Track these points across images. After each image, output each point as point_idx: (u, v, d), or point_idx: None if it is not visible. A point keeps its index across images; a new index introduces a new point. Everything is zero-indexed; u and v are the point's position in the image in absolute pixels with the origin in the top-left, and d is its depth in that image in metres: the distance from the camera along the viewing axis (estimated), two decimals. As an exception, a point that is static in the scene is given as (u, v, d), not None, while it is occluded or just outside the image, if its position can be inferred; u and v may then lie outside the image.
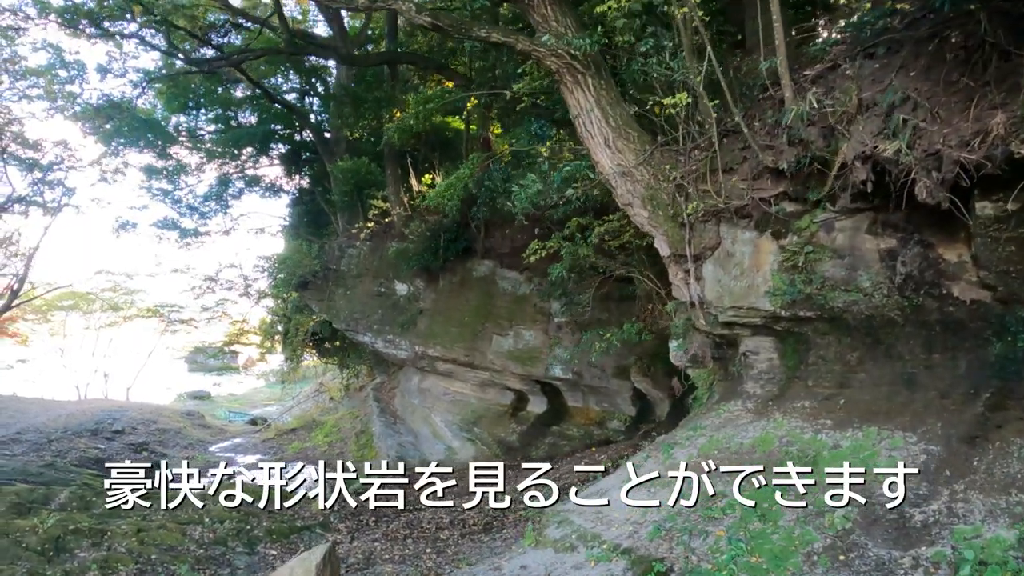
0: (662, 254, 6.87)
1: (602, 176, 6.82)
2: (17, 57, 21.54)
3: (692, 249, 6.47)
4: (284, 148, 25.11)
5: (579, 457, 14.54)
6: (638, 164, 6.48)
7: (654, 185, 6.53)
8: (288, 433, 26.94)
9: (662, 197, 6.58)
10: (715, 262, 6.53)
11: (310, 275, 18.88)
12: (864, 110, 4.92)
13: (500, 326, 16.36)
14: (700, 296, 6.55)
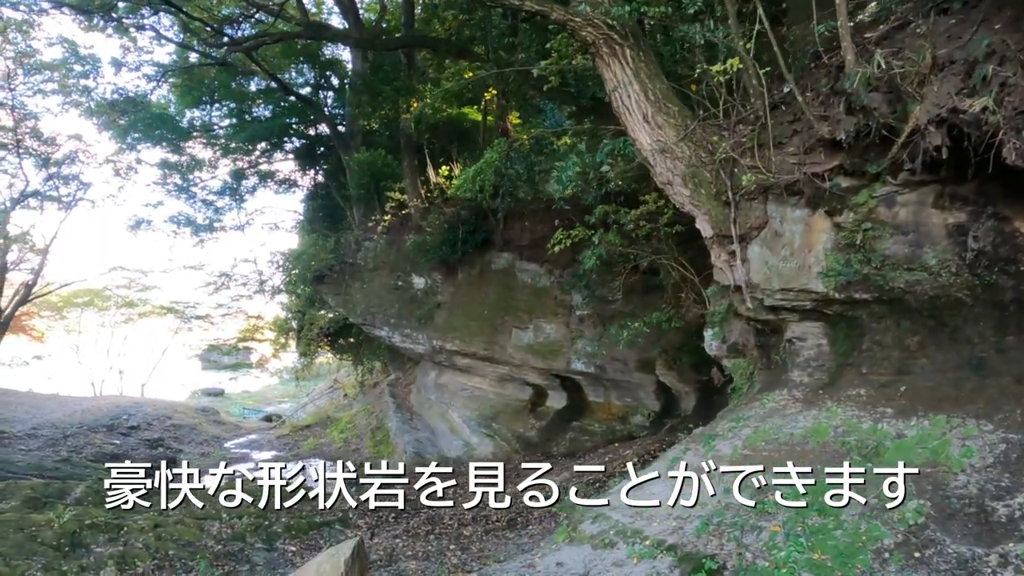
0: (704, 235, 6.52)
1: (640, 154, 6.48)
2: (32, 51, 21.47)
3: (737, 229, 6.12)
4: (298, 143, 24.93)
5: (602, 452, 14.20)
6: (679, 140, 6.13)
7: (696, 162, 6.18)
8: (303, 429, 26.82)
9: (704, 175, 6.23)
10: (762, 243, 6.17)
11: (326, 269, 18.64)
12: (940, 69, 4.56)
13: (520, 319, 16.05)
14: (746, 279, 6.20)
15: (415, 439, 19.17)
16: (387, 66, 17.52)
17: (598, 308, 14.93)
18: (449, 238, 16.36)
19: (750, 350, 7.20)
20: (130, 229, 25.13)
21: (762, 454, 6.01)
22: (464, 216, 16.64)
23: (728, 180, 6.05)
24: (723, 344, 8.04)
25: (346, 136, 20.19)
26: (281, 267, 27.19)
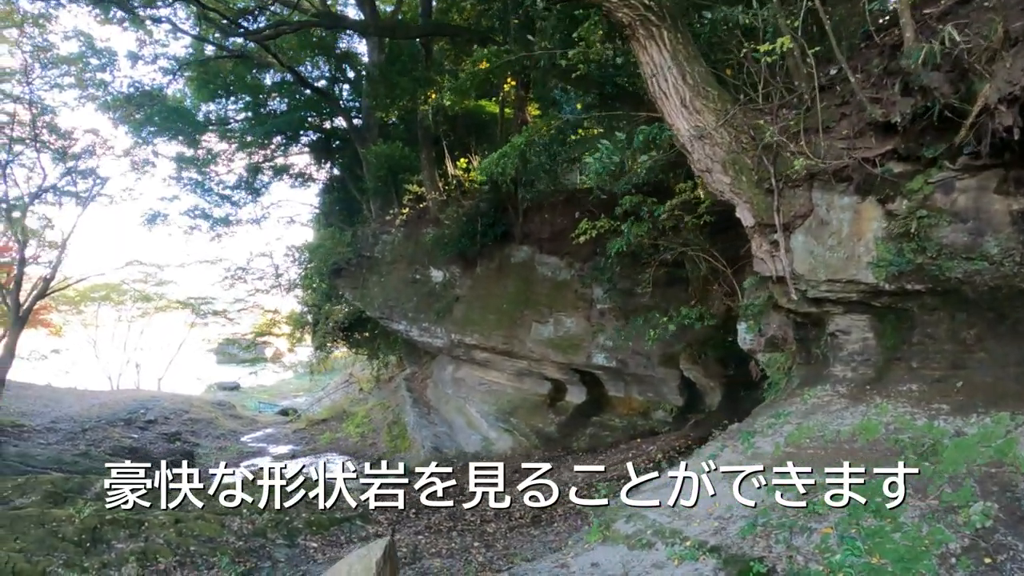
0: (745, 224, 6.27)
1: (677, 141, 6.24)
2: (48, 45, 21.42)
3: (781, 217, 5.86)
4: (314, 136, 24.78)
5: (624, 448, 14.00)
6: (718, 126, 5.88)
7: (736, 148, 5.92)
8: (319, 424, 26.82)
9: (745, 161, 5.97)
10: (807, 232, 5.91)
11: (343, 262, 18.49)
12: (1012, 44, 4.28)
13: (540, 313, 15.84)
14: (789, 270, 5.94)
15: (433, 434, 19.03)
16: (404, 57, 17.34)
17: (620, 301, 14.70)
18: (468, 231, 16.17)
19: (788, 344, 6.96)
20: (146, 223, 25.08)
21: (807, 452, 5.78)
22: (483, 209, 16.45)
23: (771, 166, 5.79)
24: (758, 337, 7.79)
25: (362, 129, 20.03)
26: (297, 261, 27.19)
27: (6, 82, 22.07)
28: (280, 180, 27.09)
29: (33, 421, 20.01)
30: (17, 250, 20.83)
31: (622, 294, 14.51)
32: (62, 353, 34.20)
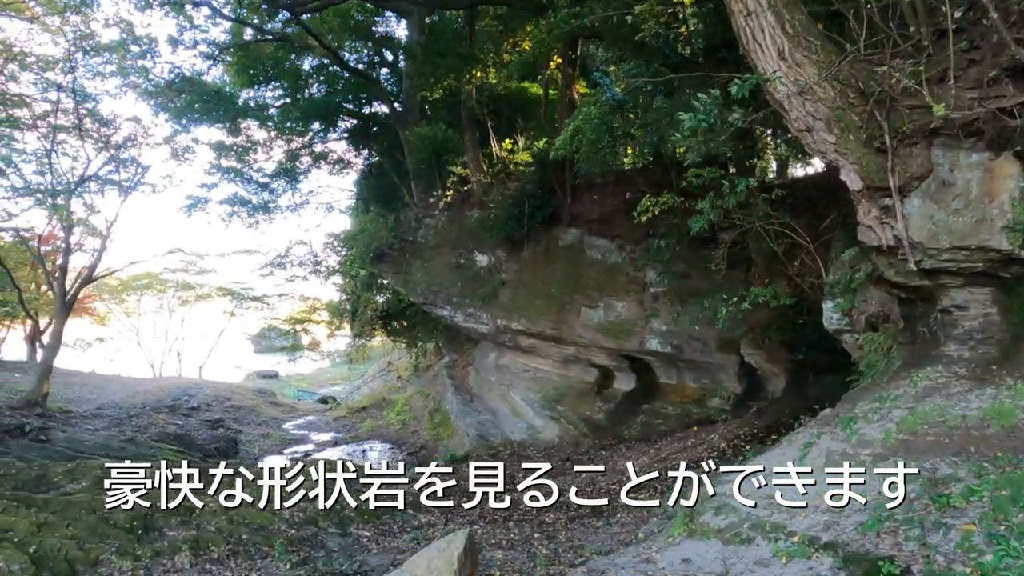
0: (851, 188, 5.68)
1: (772, 97, 5.66)
2: (90, 32, 21.41)
3: (895, 179, 5.27)
4: (352, 122, 24.50)
5: (681, 437, 13.44)
6: (821, 79, 5.30)
7: (842, 104, 5.34)
8: (359, 412, 26.74)
9: (852, 118, 5.39)
10: (925, 194, 5.31)
11: (386, 247, 18.15)
12: None
13: (589, 297, 15.33)
14: (906, 237, 5.35)
15: (477, 421, 18.69)
16: (448, 35, 16.85)
17: (674, 285, 14.11)
18: (514, 213, 15.69)
19: (891, 322, 6.36)
20: (185, 211, 25.05)
21: (926, 439, 5.20)
22: (530, 190, 15.95)
23: (884, 122, 5.20)
24: (858, 316, 7.19)
25: (403, 112, 19.62)
26: (336, 248, 27.02)
27: (49, 71, 22.19)
28: (318, 168, 26.91)
29: (80, 407, 20.15)
30: (63, 238, 20.98)
31: (677, 277, 13.91)
32: (106, 342, 34.74)
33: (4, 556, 7.39)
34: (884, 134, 5.22)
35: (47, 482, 10.43)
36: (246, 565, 8.25)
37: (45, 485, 10.32)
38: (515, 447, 16.60)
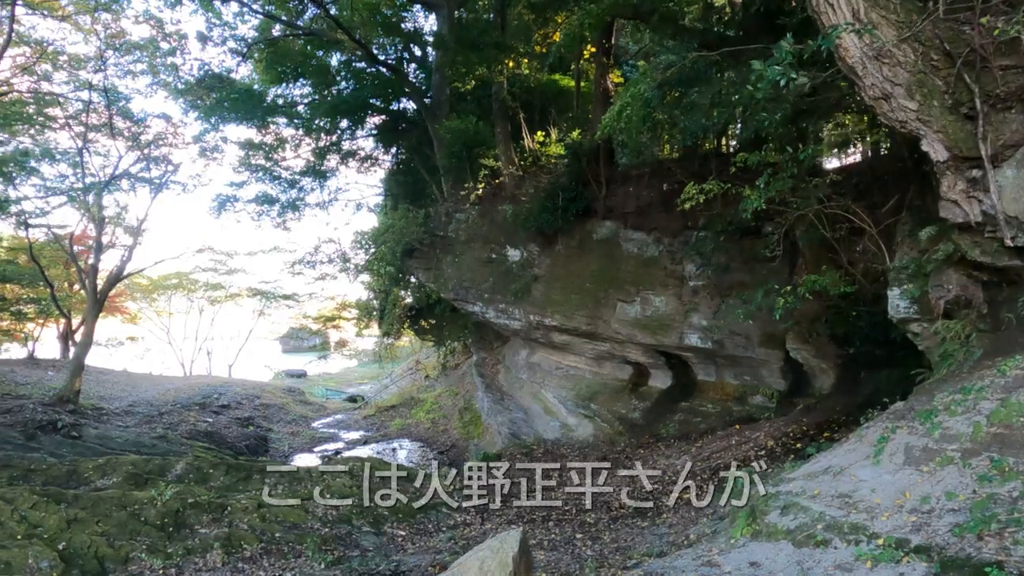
0: (935, 159, 5.20)
1: (844, 63, 5.22)
2: (121, 31, 21.47)
3: (987, 147, 4.81)
4: (380, 119, 24.34)
5: (722, 435, 12.95)
6: (901, 41, 4.86)
7: (924, 68, 4.89)
8: (388, 410, 26.53)
9: (936, 83, 4.93)
10: (1021, 163, 4.84)
11: (416, 242, 17.88)
12: None
13: (626, 292, 14.90)
14: (1001, 211, 4.88)
15: (509, 420, 18.35)
16: (480, 25, 16.52)
17: (715, 278, 13.66)
18: (548, 206, 15.33)
19: (975, 307, 5.85)
20: (214, 210, 25.13)
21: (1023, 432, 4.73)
22: (563, 183, 15.58)
23: (974, 86, 4.75)
24: (914, 304, 6.70)
25: (433, 106, 19.35)
26: (364, 246, 26.85)
27: (81, 69, 22.32)
28: (346, 165, 26.82)
29: (111, 404, 20.18)
30: (94, 237, 21.05)
31: (718, 270, 13.45)
32: (137, 340, 35.03)
33: (33, 552, 7.19)
34: (974, 98, 4.75)
35: (78, 478, 10.30)
36: (279, 564, 7.98)
37: (76, 481, 10.19)
38: (549, 446, 16.23)
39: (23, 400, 17.09)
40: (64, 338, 28.09)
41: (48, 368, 23.88)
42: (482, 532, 9.76)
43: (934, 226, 5.92)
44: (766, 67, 4.59)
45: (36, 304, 24.55)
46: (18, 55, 20.94)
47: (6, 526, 7.79)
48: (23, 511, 8.19)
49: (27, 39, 19.90)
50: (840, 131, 11.98)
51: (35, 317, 26.19)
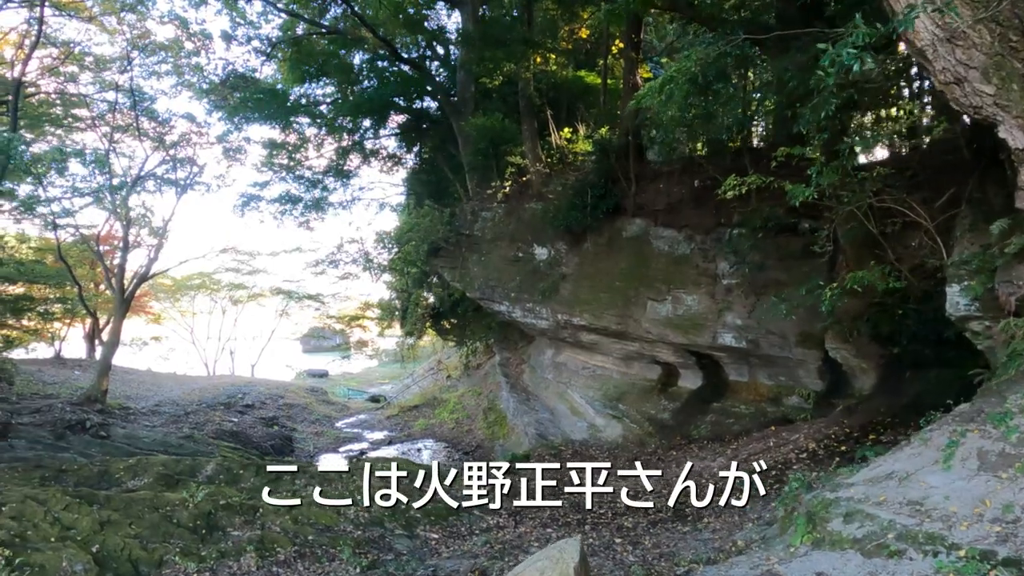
0: (1013, 146, 4.91)
1: (912, 46, 4.94)
2: (146, 31, 21.56)
3: (1071, 132, 4.53)
4: (402, 118, 24.25)
5: (758, 437, 12.63)
6: (976, 22, 4.59)
7: (1002, 49, 4.62)
8: (411, 410, 26.44)
9: (1015, 65, 4.65)
10: (1108, 151, 4.55)
11: (441, 241, 17.71)
12: None
13: (656, 291, 14.62)
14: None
15: (535, 420, 18.14)
16: (505, 21, 16.32)
17: (749, 276, 13.33)
18: (577, 204, 15.09)
19: (1049, 304, 5.57)
20: (237, 210, 25.16)
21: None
22: (592, 180, 15.33)
23: (1059, 66, 4.46)
24: (975, 301, 6.40)
25: (458, 104, 19.18)
26: (387, 246, 26.76)
27: (106, 70, 22.45)
28: (368, 165, 26.78)
29: (138, 404, 20.24)
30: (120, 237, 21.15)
31: (752, 268, 13.13)
32: (161, 340, 35.27)
33: (67, 555, 7.08)
34: (1059, 79, 4.48)
35: (109, 478, 10.22)
36: (314, 568, 7.83)
37: (107, 482, 10.11)
38: (576, 446, 16.00)
39: (52, 400, 17.15)
40: (90, 338, 28.31)
41: (75, 368, 24.03)
42: (516, 535, 9.57)
43: (1007, 219, 5.62)
44: (839, 50, 4.32)
45: (63, 304, 24.72)
46: (44, 56, 21.11)
47: (39, 528, 7.69)
48: (56, 512, 8.09)
49: (54, 40, 19.99)
50: (887, 125, 11.61)
51: (61, 317, 26.39)
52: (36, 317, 24.14)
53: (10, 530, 7.29)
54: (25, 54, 16.82)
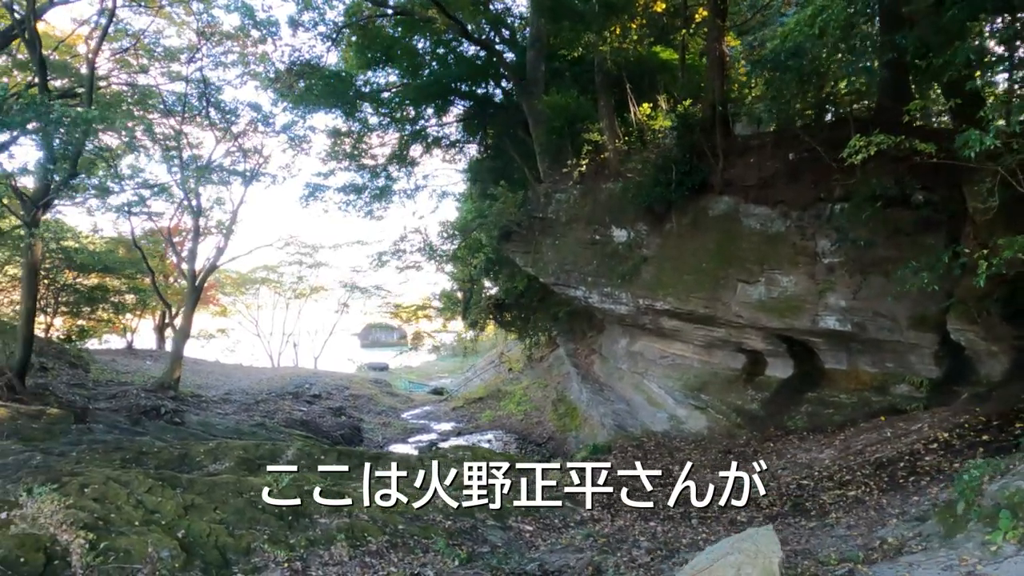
0: None
1: None
2: (214, 21, 21.57)
3: None
4: (465, 105, 23.79)
5: (867, 428, 11.61)
6: None
7: None
8: (476, 402, 26.08)
9: None
10: None
11: (514, 225, 17.08)
12: None
13: (748, 272, 13.66)
14: None
15: (611, 411, 17.42)
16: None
17: (853, 254, 12.27)
18: (661, 180, 14.25)
19: None
20: (303, 200, 25.12)
21: None
22: (676, 155, 14.46)
23: None
24: None
25: (528, 84, 18.53)
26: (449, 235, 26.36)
27: (174, 61, 22.58)
28: (430, 155, 26.44)
29: (208, 393, 20.29)
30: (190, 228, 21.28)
31: (857, 245, 12.06)
32: (227, 332, 35.81)
33: (152, 540, 6.64)
34: None
35: (190, 461, 9.90)
36: (409, 559, 7.27)
37: (188, 465, 9.79)
38: (659, 438, 15.21)
39: (126, 387, 17.22)
40: (160, 330, 28.79)
41: (146, 358, 24.38)
42: (616, 528, 8.91)
43: None
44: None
45: (136, 294, 25.11)
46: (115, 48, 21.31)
47: (123, 511, 7.28)
48: (139, 495, 7.69)
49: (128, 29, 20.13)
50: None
51: (133, 308, 26.84)
52: (109, 308, 24.55)
53: (93, 512, 6.90)
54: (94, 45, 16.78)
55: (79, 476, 7.43)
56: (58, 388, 15.21)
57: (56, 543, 6.03)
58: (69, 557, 5.93)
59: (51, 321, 22.39)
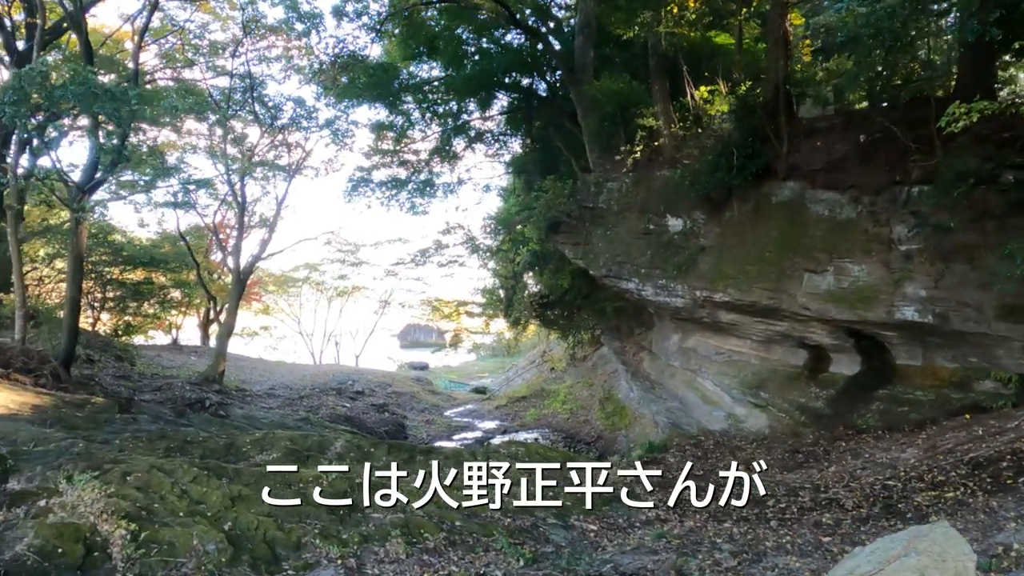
0: None
1: None
2: (259, 15, 21.50)
3: None
4: (510, 96, 23.38)
5: (953, 427, 10.73)
6: None
7: None
8: (519, 401, 25.64)
9: None
10: None
11: (563, 215, 16.49)
12: None
13: (815, 260, 12.84)
14: None
15: (664, 409, 16.70)
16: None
17: (933, 240, 11.40)
18: (722, 165, 13.53)
19: None
20: (346, 195, 25.01)
21: None
22: (736, 139, 13.72)
23: None
24: None
25: (577, 71, 17.98)
26: (493, 231, 25.99)
27: (218, 57, 22.61)
28: (472, 150, 26.13)
29: (252, 387, 20.16)
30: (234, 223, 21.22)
31: (937, 231, 11.21)
32: (269, 331, 36.02)
33: (198, 532, 6.20)
34: None
35: (236, 452, 9.53)
36: (469, 558, 6.73)
37: (234, 455, 9.42)
38: (717, 437, 14.46)
39: (171, 380, 17.13)
40: (204, 326, 28.94)
41: (190, 354, 24.44)
42: (686, 529, 8.27)
43: None
44: None
45: (181, 288, 25.24)
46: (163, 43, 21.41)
47: (167, 501, 6.86)
48: (184, 484, 7.28)
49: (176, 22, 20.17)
50: None
51: (178, 304, 27.02)
52: (155, 304, 24.70)
53: (135, 502, 6.49)
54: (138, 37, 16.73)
55: (122, 464, 7.06)
56: (103, 379, 15.14)
57: (96, 533, 5.63)
58: (109, 549, 5.52)
59: (98, 316, 22.56)
